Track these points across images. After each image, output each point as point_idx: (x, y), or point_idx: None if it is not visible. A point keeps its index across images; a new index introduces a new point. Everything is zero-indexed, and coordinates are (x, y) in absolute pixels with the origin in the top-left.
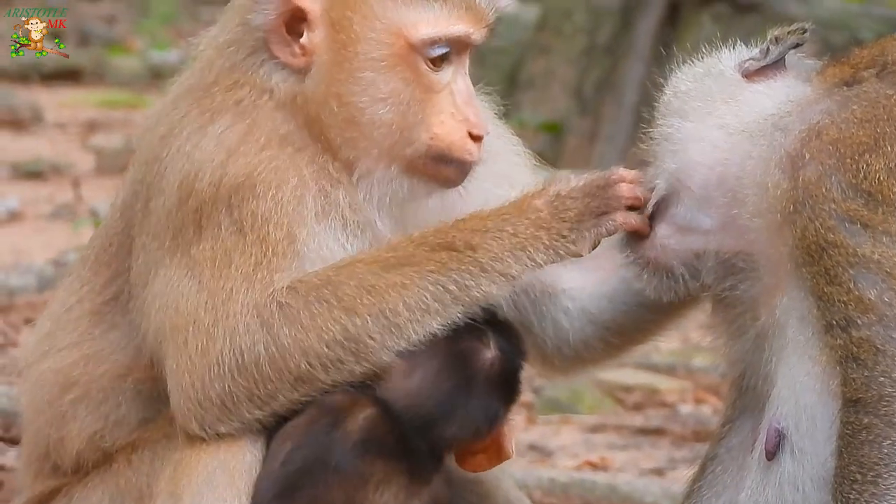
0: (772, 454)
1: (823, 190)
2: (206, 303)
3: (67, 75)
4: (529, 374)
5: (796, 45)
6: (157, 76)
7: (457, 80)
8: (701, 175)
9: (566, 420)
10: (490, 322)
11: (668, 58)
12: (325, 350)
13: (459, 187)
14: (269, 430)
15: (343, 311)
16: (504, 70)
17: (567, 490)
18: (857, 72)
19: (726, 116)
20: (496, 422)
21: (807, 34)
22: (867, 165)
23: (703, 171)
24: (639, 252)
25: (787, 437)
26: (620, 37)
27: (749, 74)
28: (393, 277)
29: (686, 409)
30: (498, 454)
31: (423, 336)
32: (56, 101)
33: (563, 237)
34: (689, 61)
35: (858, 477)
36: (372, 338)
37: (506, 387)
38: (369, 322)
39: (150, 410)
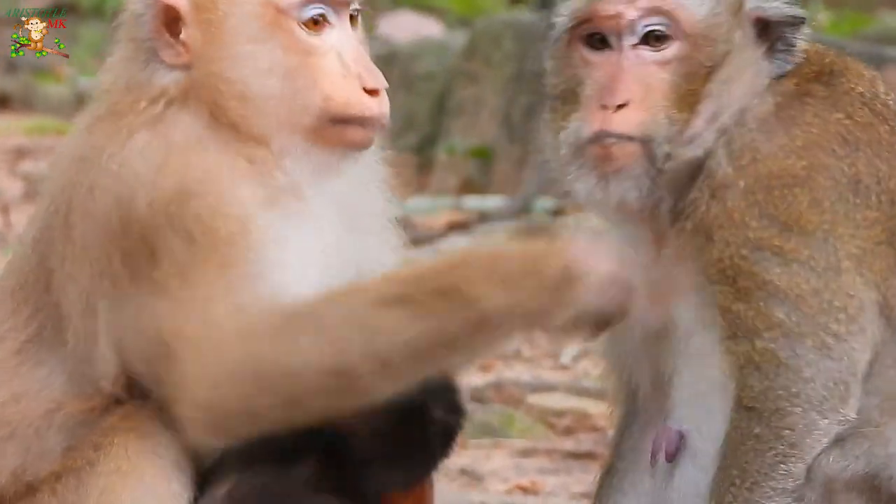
0: (672, 456)
1: (745, 218)
2: (188, 316)
3: None
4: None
5: None
6: (86, 103)
7: (342, 41)
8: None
9: (497, 444)
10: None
11: None
12: (316, 378)
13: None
14: (199, 463)
15: (330, 346)
16: (433, 96)
17: None
18: (801, 84)
19: None
20: (431, 471)
21: None
22: (793, 197)
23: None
24: None
25: (687, 440)
26: None
27: None
28: (387, 316)
29: None
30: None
31: (414, 381)
32: None
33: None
34: None
35: (738, 482)
36: (362, 377)
37: (447, 442)
38: (358, 361)
39: (74, 440)
